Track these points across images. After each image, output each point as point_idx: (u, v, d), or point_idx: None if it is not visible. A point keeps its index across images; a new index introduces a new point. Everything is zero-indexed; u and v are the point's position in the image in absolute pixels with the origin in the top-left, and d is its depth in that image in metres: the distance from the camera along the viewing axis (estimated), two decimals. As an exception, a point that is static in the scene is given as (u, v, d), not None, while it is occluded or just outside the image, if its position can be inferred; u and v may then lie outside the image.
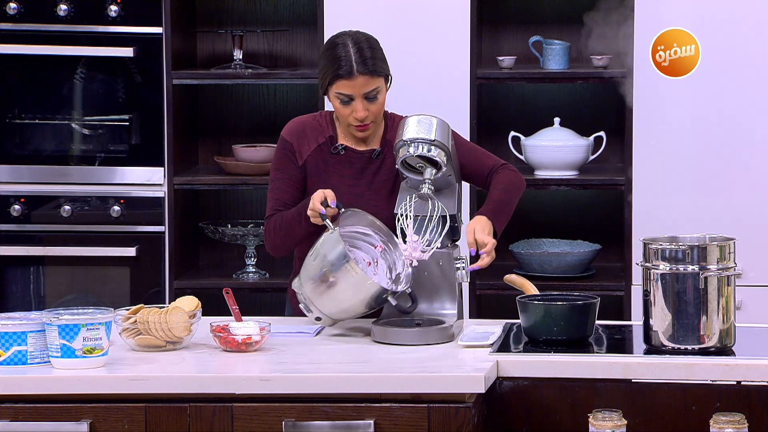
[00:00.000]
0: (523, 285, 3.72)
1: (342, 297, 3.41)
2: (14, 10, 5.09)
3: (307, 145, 3.68)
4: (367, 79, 3.59)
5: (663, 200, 4.90)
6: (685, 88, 4.87)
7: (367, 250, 3.54)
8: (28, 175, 5.15)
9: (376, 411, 3.11)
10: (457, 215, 3.60)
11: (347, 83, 3.58)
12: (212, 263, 5.41)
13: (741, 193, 4.88)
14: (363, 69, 3.58)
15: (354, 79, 3.58)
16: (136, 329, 3.37)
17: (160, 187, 5.12)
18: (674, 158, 4.91)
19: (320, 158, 3.68)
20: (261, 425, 3.12)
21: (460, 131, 3.71)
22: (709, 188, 4.89)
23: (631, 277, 4.93)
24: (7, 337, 3.20)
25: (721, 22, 4.83)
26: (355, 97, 3.60)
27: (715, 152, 4.88)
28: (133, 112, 5.14)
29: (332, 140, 3.69)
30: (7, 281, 5.18)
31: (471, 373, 3.15)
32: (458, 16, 4.96)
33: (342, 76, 3.58)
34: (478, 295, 5.04)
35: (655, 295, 3.31)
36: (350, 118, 3.63)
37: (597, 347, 3.39)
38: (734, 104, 4.86)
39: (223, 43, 5.38)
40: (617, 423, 3.09)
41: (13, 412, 3.13)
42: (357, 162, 3.69)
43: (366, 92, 3.60)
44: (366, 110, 3.61)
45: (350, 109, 3.62)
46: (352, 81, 3.58)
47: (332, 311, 3.45)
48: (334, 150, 3.68)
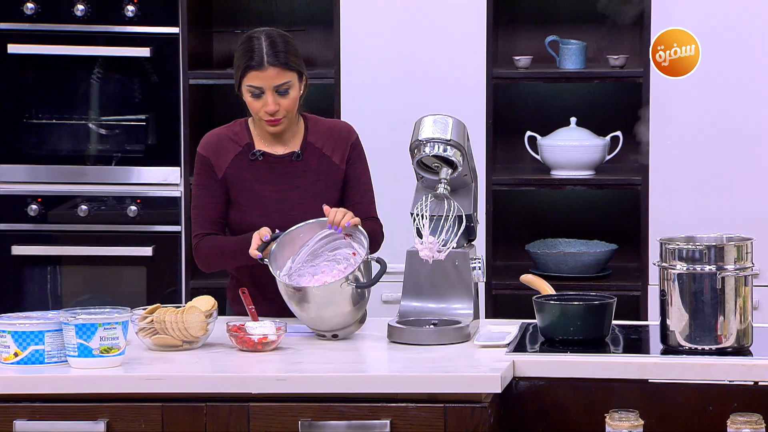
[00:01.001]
0: (539, 285, 3.72)
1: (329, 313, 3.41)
2: (31, 11, 5.10)
3: (224, 157, 3.67)
4: (278, 71, 3.59)
5: (679, 200, 4.89)
6: (695, 88, 4.86)
7: (343, 245, 3.53)
8: (45, 175, 5.17)
9: (392, 411, 3.11)
10: (473, 215, 3.60)
11: (258, 74, 3.58)
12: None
13: (758, 192, 4.86)
14: (274, 61, 3.58)
15: (264, 70, 3.58)
16: (152, 329, 3.37)
17: (176, 187, 5.13)
18: (690, 158, 4.90)
19: (239, 168, 3.67)
20: (277, 425, 3.12)
21: (476, 131, 3.72)
22: (726, 188, 4.88)
23: (648, 277, 4.92)
24: (24, 337, 3.21)
25: (721, 22, 4.82)
26: (265, 90, 3.59)
27: (730, 151, 4.87)
28: (149, 112, 5.15)
29: (249, 147, 3.68)
30: (25, 281, 5.19)
31: (487, 373, 3.15)
32: (474, 16, 4.96)
33: (253, 68, 3.59)
34: (494, 294, 5.03)
35: (672, 295, 3.30)
36: (261, 112, 3.62)
37: (613, 347, 3.39)
38: (746, 103, 4.85)
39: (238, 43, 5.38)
40: (634, 423, 3.08)
41: (31, 411, 3.14)
42: (277, 166, 3.68)
43: (276, 85, 3.59)
44: (277, 104, 3.61)
45: (261, 103, 3.61)
46: (262, 72, 3.58)
47: (333, 326, 3.45)
48: (252, 156, 3.67)
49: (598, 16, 5.18)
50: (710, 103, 4.88)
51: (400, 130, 4.03)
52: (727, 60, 4.85)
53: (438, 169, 3.53)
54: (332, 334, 3.46)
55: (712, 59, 4.83)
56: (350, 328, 3.48)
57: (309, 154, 3.69)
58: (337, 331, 3.46)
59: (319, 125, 3.74)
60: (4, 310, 3.62)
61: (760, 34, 4.83)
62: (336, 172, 3.70)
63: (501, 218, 5.21)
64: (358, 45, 5.00)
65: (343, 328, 3.46)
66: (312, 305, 3.40)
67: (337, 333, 3.46)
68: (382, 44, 4.99)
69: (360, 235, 3.50)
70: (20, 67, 5.13)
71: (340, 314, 3.42)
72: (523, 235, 5.24)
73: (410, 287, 3.55)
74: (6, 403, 3.14)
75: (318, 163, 3.69)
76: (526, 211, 5.34)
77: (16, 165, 5.16)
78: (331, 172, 3.69)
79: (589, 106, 5.28)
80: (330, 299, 3.39)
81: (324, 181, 3.68)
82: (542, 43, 5.17)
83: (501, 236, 5.22)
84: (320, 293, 3.39)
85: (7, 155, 5.16)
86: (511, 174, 5.13)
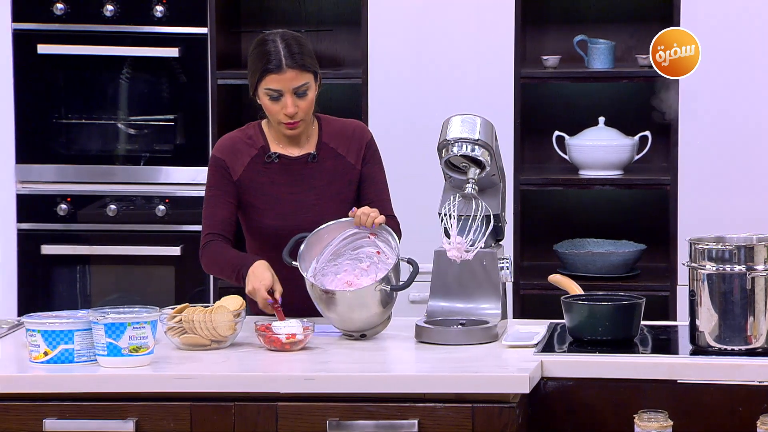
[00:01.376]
0: (567, 285, 3.71)
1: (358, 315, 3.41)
2: (61, 11, 5.12)
3: (240, 161, 3.67)
4: (296, 74, 3.58)
5: (709, 200, 4.87)
6: (725, 86, 4.83)
7: (366, 244, 3.53)
8: (74, 174, 5.19)
9: (420, 411, 3.11)
10: (501, 215, 3.59)
11: (276, 77, 3.58)
12: (256, 262, 5.42)
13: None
14: (292, 63, 3.58)
15: (283, 72, 3.57)
16: (181, 328, 3.38)
17: (204, 187, 5.14)
18: (720, 157, 4.87)
19: (254, 171, 3.67)
20: (305, 424, 3.12)
21: (504, 131, 3.71)
22: (756, 187, 4.85)
23: (677, 277, 4.90)
24: (54, 336, 3.23)
25: (753, 19, 4.80)
26: (284, 92, 3.59)
27: (760, 151, 4.84)
28: (177, 112, 5.17)
29: (265, 150, 3.68)
30: (54, 280, 5.21)
31: (515, 373, 3.14)
32: (502, 16, 4.95)
33: (271, 71, 3.58)
34: (521, 295, 5.02)
35: (701, 296, 3.29)
36: (280, 115, 3.61)
37: (642, 348, 3.37)
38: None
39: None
40: (663, 424, 3.07)
41: (60, 410, 3.15)
42: (293, 168, 3.68)
43: (295, 87, 3.59)
44: (295, 106, 3.60)
45: (280, 106, 3.61)
46: (281, 75, 3.58)
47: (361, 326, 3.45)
48: (268, 159, 3.67)
49: (627, 16, 5.17)
50: (740, 102, 4.86)
51: (428, 129, 4.03)
52: (759, 58, 4.83)
53: (466, 168, 3.53)
54: (360, 334, 3.46)
55: (743, 58, 4.80)
56: (378, 327, 3.48)
57: (324, 155, 3.69)
58: (365, 331, 3.46)
59: (333, 125, 3.74)
60: (33, 310, 3.64)
61: (746, 34, 4.81)
62: (351, 172, 3.70)
63: (529, 218, 5.20)
64: (385, 45, 5.00)
65: (371, 328, 3.46)
66: (341, 308, 3.40)
67: (365, 333, 3.46)
68: (410, 44, 4.99)
69: (387, 235, 3.50)
70: (50, 68, 5.16)
71: (369, 316, 3.43)
72: (551, 235, 5.23)
73: (438, 287, 3.55)
74: (36, 402, 3.16)
75: (333, 164, 3.69)
76: (554, 211, 5.33)
77: (46, 165, 5.18)
78: (347, 172, 3.70)
79: (617, 106, 5.26)
80: (361, 302, 3.40)
81: (340, 181, 3.68)
82: (570, 42, 5.16)
83: (529, 236, 5.21)
84: (352, 297, 3.39)
85: (36, 155, 5.18)
86: (539, 174, 5.12)
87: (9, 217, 5.18)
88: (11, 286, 5.18)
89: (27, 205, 5.18)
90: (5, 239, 5.18)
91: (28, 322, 3.26)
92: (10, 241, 5.18)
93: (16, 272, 5.18)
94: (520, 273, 5.02)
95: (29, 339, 3.25)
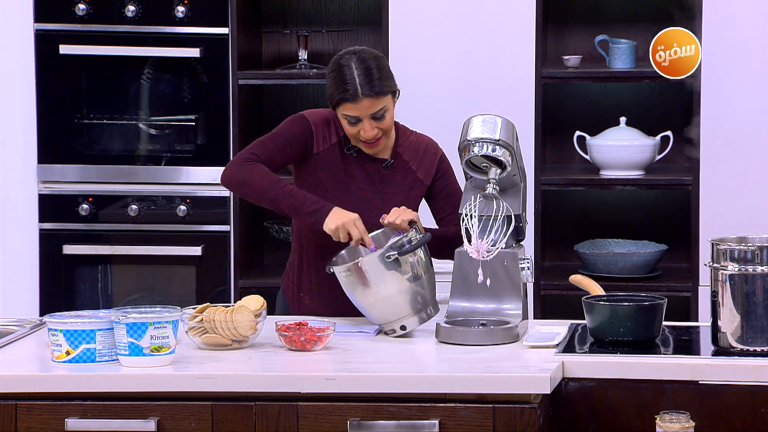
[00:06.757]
0: (588, 285, 3.70)
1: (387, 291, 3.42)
2: (83, 11, 5.14)
3: (328, 139, 3.67)
4: (372, 101, 3.58)
5: (731, 200, 4.85)
6: (748, 86, 4.82)
7: None
8: (95, 174, 5.20)
9: (441, 411, 3.11)
10: (522, 215, 3.59)
11: (353, 106, 3.58)
12: (276, 262, 5.42)
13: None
14: (368, 91, 3.57)
15: (359, 102, 3.57)
16: (202, 328, 3.39)
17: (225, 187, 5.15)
18: (742, 157, 4.86)
19: (334, 155, 3.67)
20: (326, 424, 3.13)
21: (525, 131, 3.71)
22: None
23: (698, 277, 4.89)
24: (76, 335, 3.24)
25: (745, 20, 4.78)
26: (362, 118, 3.59)
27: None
28: (199, 112, 5.18)
29: (345, 140, 3.68)
30: (76, 280, 5.23)
31: (536, 373, 3.14)
32: (523, 16, 4.94)
33: (347, 100, 3.57)
34: (542, 295, 5.02)
35: (723, 296, 3.28)
36: (359, 135, 3.63)
37: (664, 348, 3.36)
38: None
39: (288, 44, 5.40)
40: (685, 425, 3.06)
41: (82, 409, 3.16)
42: (368, 167, 3.68)
43: (373, 113, 3.59)
44: (374, 129, 3.61)
45: (358, 128, 3.62)
46: (357, 104, 3.57)
47: (398, 310, 3.45)
48: (348, 150, 3.67)
49: (649, 16, 5.15)
50: (763, 102, 4.84)
51: (449, 129, 4.03)
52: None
53: (487, 169, 3.52)
54: (401, 326, 3.44)
55: (763, 58, 4.78)
56: (415, 318, 3.46)
57: (397, 165, 3.70)
58: (403, 319, 3.44)
59: (408, 138, 3.74)
60: (55, 309, 3.65)
61: (747, 34, 4.79)
62: (419, 188, 3.71)
63: (550, 218, 5.19)
64: (406, 45, 5.00)
65: (407, 315, 3.44)
66: (369, 288, 3.40)
67: (404, 324, 3.45)
68: (431, 44, 4.99)
69: (417, 234, 3.50)
70: (72, 68, 5.17)
71: (398, 292, 3.41)
72: (572, 236, 5.22)
73: (459, 287, 3.54)
74: (58, 402, 3.17)
75: (403, 176, 3.70)
76: (575, 211, 5.32)
77: (68, 165, 5.20)
78: (414, 187, 3.71)
79: (639, 106, 5.25)
80: (380, 274, 3.39)
81: (406, 194, 3.69)
82: (592, 42, 5.15)
83: (550, 236, 5.20)
84: (369, 264, 3.39)
85: (58, 155, 5.20)
86: (560, 174, 5.11)
87: (31, 217, 5.20)
88: (33, 286, 5.20)
89: (49, 205, 5.20)
90: (27, 239, 5.20)
91: (50, 321, 3.28)
92: (33, 240, 5.20)
93: (38, 272, 5.20)
94: (541, 273, 5.01)
95: (51, 338, 3.26)
